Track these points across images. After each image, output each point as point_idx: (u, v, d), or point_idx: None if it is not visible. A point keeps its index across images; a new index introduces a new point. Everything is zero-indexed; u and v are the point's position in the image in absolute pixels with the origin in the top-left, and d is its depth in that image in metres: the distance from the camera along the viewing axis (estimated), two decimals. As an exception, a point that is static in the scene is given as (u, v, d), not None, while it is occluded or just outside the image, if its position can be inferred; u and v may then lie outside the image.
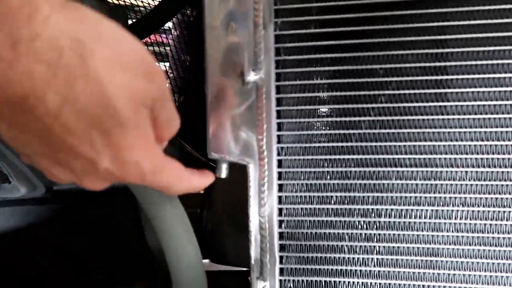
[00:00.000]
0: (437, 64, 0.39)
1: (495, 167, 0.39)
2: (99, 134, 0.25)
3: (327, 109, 0.42)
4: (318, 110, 0.42)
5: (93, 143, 0.25)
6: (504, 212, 0.39)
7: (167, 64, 0.87)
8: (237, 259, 0.54)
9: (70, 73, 0.23)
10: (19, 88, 0.23)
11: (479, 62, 0.39)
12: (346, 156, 0.42)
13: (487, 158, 0.39)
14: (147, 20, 0.63)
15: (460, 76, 0.39)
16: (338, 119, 0.42)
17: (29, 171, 0.59)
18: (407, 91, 0.40)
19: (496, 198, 0.39)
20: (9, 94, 0.23)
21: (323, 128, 0.42)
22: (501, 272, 0.40)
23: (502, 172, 0.39)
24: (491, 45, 0.38)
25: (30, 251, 0.63)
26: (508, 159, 0.39)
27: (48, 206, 0.65)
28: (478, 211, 0.40)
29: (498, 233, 0.40)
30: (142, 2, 0.80)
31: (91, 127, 0.25)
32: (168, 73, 0.87)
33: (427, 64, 0.40)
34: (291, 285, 0.44)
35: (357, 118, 0.41)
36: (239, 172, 0.44)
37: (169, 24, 0.84)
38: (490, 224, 0.40)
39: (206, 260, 0.61)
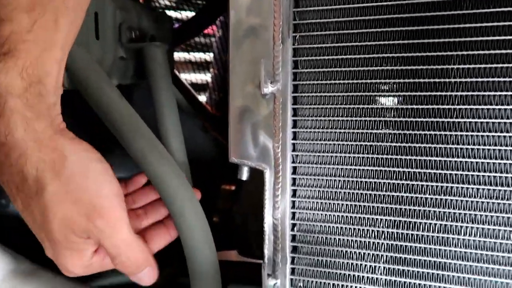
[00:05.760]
0: (452, 80, 0.39)
1: (508, 186, 0.39)
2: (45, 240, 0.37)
3: (341, 121, 0.43)
4: (332, 121, 0.44)
5: (43, 241, 0.37)
6: (515, 232, 0.39)
7: (211, 55, 0.92)
8: (259, 253, 0.58)
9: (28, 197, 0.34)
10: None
11: (496, 80, 0.38)
12: (358, 167, 0.43)
13: (500, 176, 0.39)
14: (188, 25, 0.68)
15: (481, 93, 0.39)
16: (351, 131, 0.43)
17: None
18: (420, 106, 0.41)
19: (509, 217, 0.39)
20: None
21: (336, 139, 0.44)
22: (510, 291, 0.39)
23: (516, 191, 0.38)
24: None
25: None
26: (522, 178, 0.38)
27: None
28: (488, 229, 0.39)
29: (508, 252, 0.39)
30: (187, 5, 0.85)
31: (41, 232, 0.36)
32: (211, 70, 0.92)
33: (441, 80, 0.40)
34: (301, 285, 0.46)
35: (369, 131, 0.43)
36: (261, 174, 0.47)
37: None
38: (501, 243, 0.39)
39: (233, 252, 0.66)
